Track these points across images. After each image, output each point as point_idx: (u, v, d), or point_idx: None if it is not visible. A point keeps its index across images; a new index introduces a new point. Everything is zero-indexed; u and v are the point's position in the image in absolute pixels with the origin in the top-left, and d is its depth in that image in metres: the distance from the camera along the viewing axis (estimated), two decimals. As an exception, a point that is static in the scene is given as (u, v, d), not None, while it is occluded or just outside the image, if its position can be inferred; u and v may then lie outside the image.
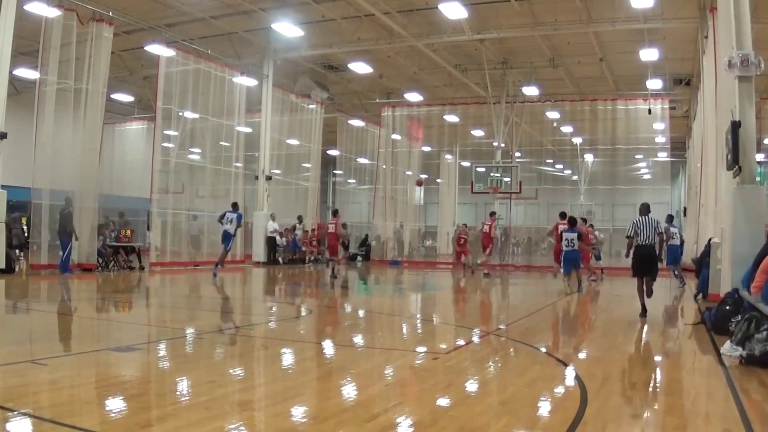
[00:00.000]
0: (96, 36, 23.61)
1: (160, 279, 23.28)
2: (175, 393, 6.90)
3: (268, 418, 6.05)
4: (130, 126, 42.26)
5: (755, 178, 14.34)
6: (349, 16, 27.85)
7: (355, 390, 7.31)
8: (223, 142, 31.09)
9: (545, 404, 6.76)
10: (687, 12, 25.15)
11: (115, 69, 29.35)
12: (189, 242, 29.77)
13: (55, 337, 10.26)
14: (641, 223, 14.25)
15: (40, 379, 7.04)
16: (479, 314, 16.58)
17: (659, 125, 35.27)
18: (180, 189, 29.55)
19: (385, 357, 9.74)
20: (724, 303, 11.78)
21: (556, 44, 31.04)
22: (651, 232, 14.16)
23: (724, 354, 9.09)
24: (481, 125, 42.44)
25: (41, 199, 22.59)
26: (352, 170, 45.46)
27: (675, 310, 17.62)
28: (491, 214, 29.79)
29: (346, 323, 14.41)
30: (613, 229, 40.04)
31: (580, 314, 16.66)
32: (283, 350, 9.91)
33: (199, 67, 28.69)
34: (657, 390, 7.66)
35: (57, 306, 15.42)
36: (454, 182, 48.31)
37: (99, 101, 23.95)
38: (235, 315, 15.14)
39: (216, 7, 27.07)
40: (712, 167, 19.67)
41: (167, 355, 9.24)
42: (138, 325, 12.36)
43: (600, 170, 40.88)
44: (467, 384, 7.71)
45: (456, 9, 24.54)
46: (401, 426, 5.81)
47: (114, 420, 5.73)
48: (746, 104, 13.94)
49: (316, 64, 35.25)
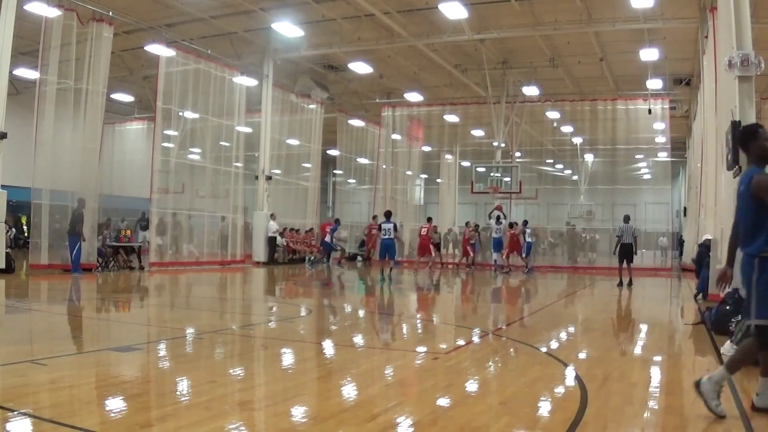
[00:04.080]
0: (96, 36, 23.60)
1: (159, 279, 23.27)
2: (175, 393, 6.90)
3: (268, 418, 6.05)
4: (130, 126, 42.28)
5: (755, 178, 14.31)
6: (349, 16, 27.87)
7: (355, 390, 7.31)
8: (223, 142, 31.08)
9: (545, 404, 6.76)
10: (687, 12, 25.16)
11: (115, 69, 29.34)
12: (189, 242, 29.80)
13: (54, 337, 10.25)
14: (624, 228, 22.84)
15: (40, 379, 7.03)
16: (479, 314, 16.58)
17: (659, 125, 35.26)
18: (180, 189, 29.53)
19: (385, 357, 9.74)
20: (724, 303, 11.76)
21: (556, 44, 31.06)
22: (630, 235, 22.74)
23: (725, 354, 9.09)
24: (481, 125, 42.46)
25: (41, 199, 22.60)
26: (352, 170, 45.41)
27: (675, 310, 17.65)
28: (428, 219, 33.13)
29: (349, 323, 14.41)
30: (612, 229, 39.99)
31: (579, 314, 16.66)
32: (286, 350, 9.92)
33: (199, 67, 28.69)
34: (657, 390, 7.66)
35: (56, 306, 15.44)
36: (454, 182, 48.30)
37: (99, 101, 23.93)
38: (246, 315, 15.17)
39: (216, 7, 27.07)
40: (712, 167, 19.66)
41: (167, 355, 9.24)
42: (138, 325, 12.36)
43: (600, 170, 40.87)
44: (467, 384, 7.71)
45: (456, 9, 24.52)
46: (401, 426, 5.81)
47: (114, 420, 5.73)
48: (746, 104, 13.93)
49: (316, 64, 35.26)
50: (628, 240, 22.73)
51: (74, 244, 22.04)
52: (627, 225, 23.04)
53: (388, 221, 23.56)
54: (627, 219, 23.47)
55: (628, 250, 22.78)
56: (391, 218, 23.77)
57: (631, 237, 22.79)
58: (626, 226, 22.99)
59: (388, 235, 23.29)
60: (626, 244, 22.74)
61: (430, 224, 31.68)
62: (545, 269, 33.88)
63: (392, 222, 23.52)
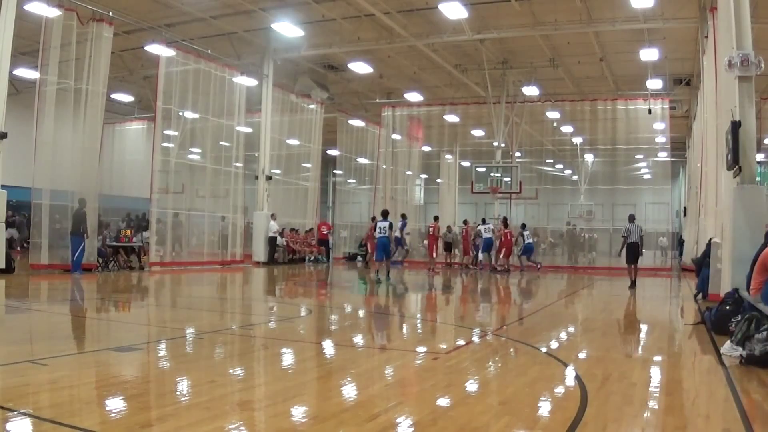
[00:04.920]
0: (96, 36, 23.59)
1: (160, 279, 23.28)
2: (175, 393, 6.90)
3: (268, 418, 6.04)
4: (130, 126, 42.26)
5: (755, 178, 14.35)
6: (349, 16, 27.88)
7: (355, 390, 7.30)
8: (223, 142, 31.06)
9: (545, 404, 6.75)
10: (687, 12, 25.17)
11: (115, 69, 29.35)
12: (189, 242, 29.82)
13: (55, 337, 10.25)
14: (631, 228, 22.46)
15: (40, 378, 7.03)
16: (480, 314, 16.58)
17: (659, 125, 35.30)
18: (180, 189, 29.52)
19: (385, 357, 9.74)
20: (724, 303, 11.78)
21: (556, 44, 31.06)
22: (636, 234, 22.36)
23: (724, 354, 9.10)
24: (481, 125, 42.44)
25: (41, 199, 22.62)
26: (352, 170, 45.49)
27: (675, 310, 17.67)
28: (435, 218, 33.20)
29: (348, 323, 14.42)
30: (613, 229, 39.98)
31: (579, 314, 16.66)
32: (285, 349, 9.92)
33: (199, 67, 28.70)
34: (657, 390, 7.66)
35: (56, 306, 15.43)
36: (454, 182, 48.29)
37: (99, 101, 23.93)
38: (246, 315, 15.17)
39: (216, 7, 27.08)
40: (712, 167, 19.67)
41: (167, 355, 9.24)
42: (138, 325, 12.37)
43: (600, 170, 40.86)
44: (467, 384, 7.70)
45: (456, 9, 24.53)
46: (401, 426, 5.80)
47: (114, 420, 5.72)
48: (746, 104, 13.95)
49: (316, 64, 35.26)
50: (634, 239, 22.33)
51: (77, 244, 22.07)
52: (633, 224, 22.58)
53: (385, 220, 23.53)
54: (632, 218, 22.94)
55: (635, 250, 22.43)
56: (387, 217, 23.73)
57: (637, 236, 22.40)
58: (632, 225, 22.55)
59: (383, 233, 23.26)
60: (633, 243, 22.33)
61: (436, 223, 31.82)
62: (546, 269, 33.82)
63: (388, 221, 23.47)
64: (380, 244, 23.42)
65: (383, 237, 23.24)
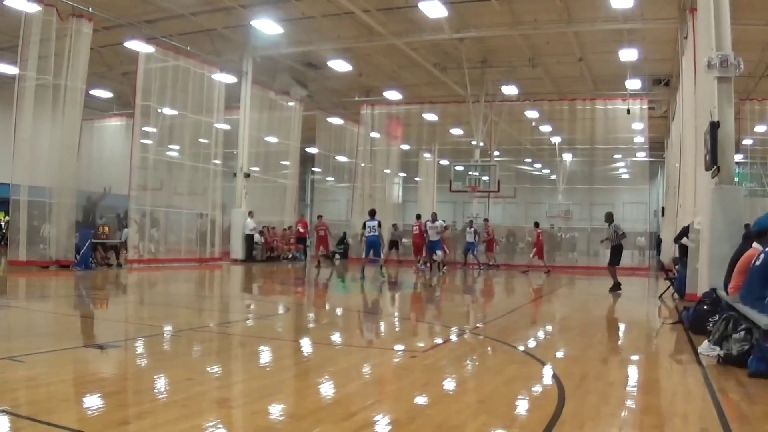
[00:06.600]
0: (75, 32, 23.47)
1: (138, 276, 23.19)
2: (153, 390, 6.86)
3: (245, 416, 6.02)
4: (109, 122, 41.99)
5: (733, 178, 14.45)
6: (329, 13, 27.78)
7: (333, 388, 7.30)
8: (201, 139, 30.93)
9: (523, 403, 6.77)
10: (667, 12, 25.26)
11: (94, 65, 29.10)
12: (166, 239, 29.72)
13: (32, 334, 10.19)
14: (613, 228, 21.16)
15: (17, 376, 6.98)
16: (457, 312, 16.61)
17: (638, 125, 35.49)
18: (158, 186, 29.41)
19: (363, 355, 9.73)
20: (701, 303, 11.85)
21: (536, 44, 31.12)
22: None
23: (702, 354, 9.15)
24: (460, 124, 42.52)
25: (20, 195, 22.50)
26: (330, 168, 45.56)
27: (652, 310, 17.75)
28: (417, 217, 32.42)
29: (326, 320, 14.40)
30: (591, 228, 40.08)
31: (556, 313, 16.72)
32: (262, 347, 9.90)
33: (178, 64, 28.60)
34: (634, 389, 7.68)
35: (34, 303, 15.33)
36: (432, 181, 48.26)
37: (78, 97, 23.80)
38: (224, 312, 15.12)
39: (195, 4, 26.97)
40: (690, 167, 19.74)
41: (145, 352, 9.19)
42: (116, 322, 12.33)
43: (578, 170, 40.99)
44: (445, 382, 7.72)
45: (436, 7, 24.51)
46: (379, 424, 5.81)
47: (92, 417, 5.69)
48: (725, 105, 14.02)
49: (295, 61, 35.15)
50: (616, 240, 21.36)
51: (85, 238, 22.05)
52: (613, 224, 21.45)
53: (373, 219, 23.65)
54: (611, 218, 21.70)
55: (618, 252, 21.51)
56: (375, 216, 23.84)
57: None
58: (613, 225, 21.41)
59: (373, 232, 23.36)
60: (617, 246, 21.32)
61: (419, 222, 31.41)
62: (524, 268, 33.85)
63: (376, 220, 23.59)
64: (369, 242, 23.56)
65: (373, 236, 23.39)
